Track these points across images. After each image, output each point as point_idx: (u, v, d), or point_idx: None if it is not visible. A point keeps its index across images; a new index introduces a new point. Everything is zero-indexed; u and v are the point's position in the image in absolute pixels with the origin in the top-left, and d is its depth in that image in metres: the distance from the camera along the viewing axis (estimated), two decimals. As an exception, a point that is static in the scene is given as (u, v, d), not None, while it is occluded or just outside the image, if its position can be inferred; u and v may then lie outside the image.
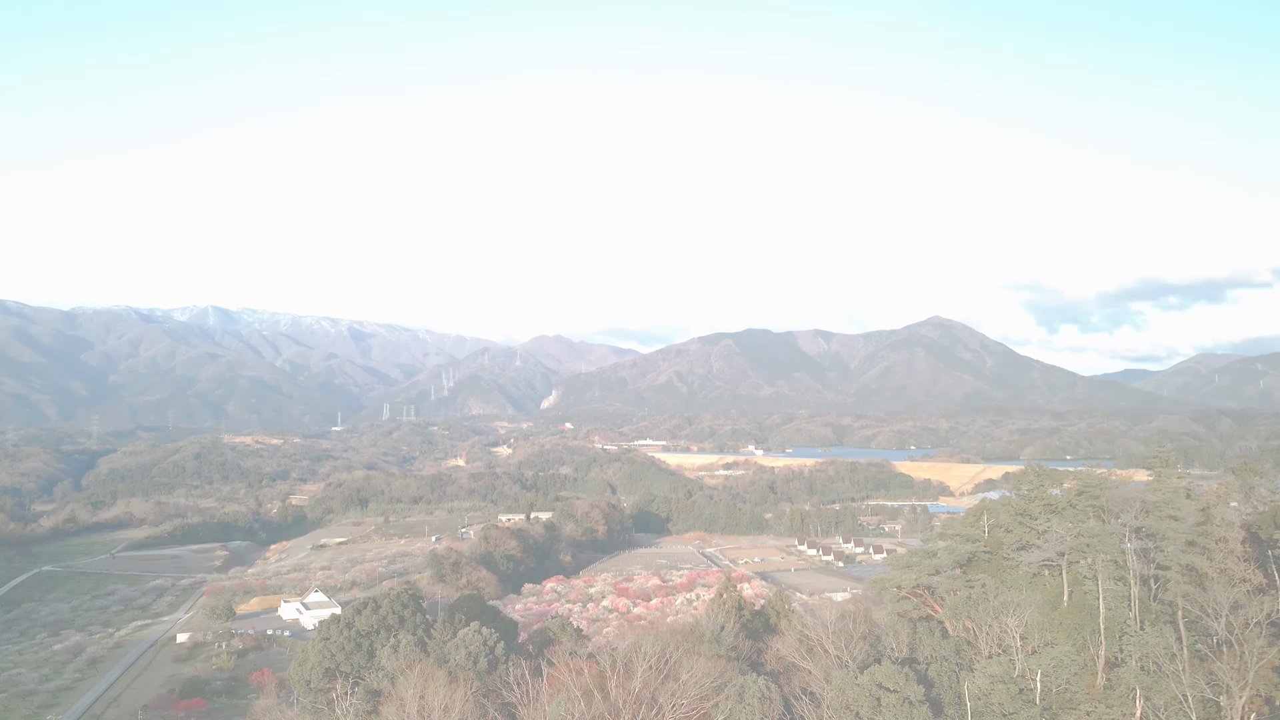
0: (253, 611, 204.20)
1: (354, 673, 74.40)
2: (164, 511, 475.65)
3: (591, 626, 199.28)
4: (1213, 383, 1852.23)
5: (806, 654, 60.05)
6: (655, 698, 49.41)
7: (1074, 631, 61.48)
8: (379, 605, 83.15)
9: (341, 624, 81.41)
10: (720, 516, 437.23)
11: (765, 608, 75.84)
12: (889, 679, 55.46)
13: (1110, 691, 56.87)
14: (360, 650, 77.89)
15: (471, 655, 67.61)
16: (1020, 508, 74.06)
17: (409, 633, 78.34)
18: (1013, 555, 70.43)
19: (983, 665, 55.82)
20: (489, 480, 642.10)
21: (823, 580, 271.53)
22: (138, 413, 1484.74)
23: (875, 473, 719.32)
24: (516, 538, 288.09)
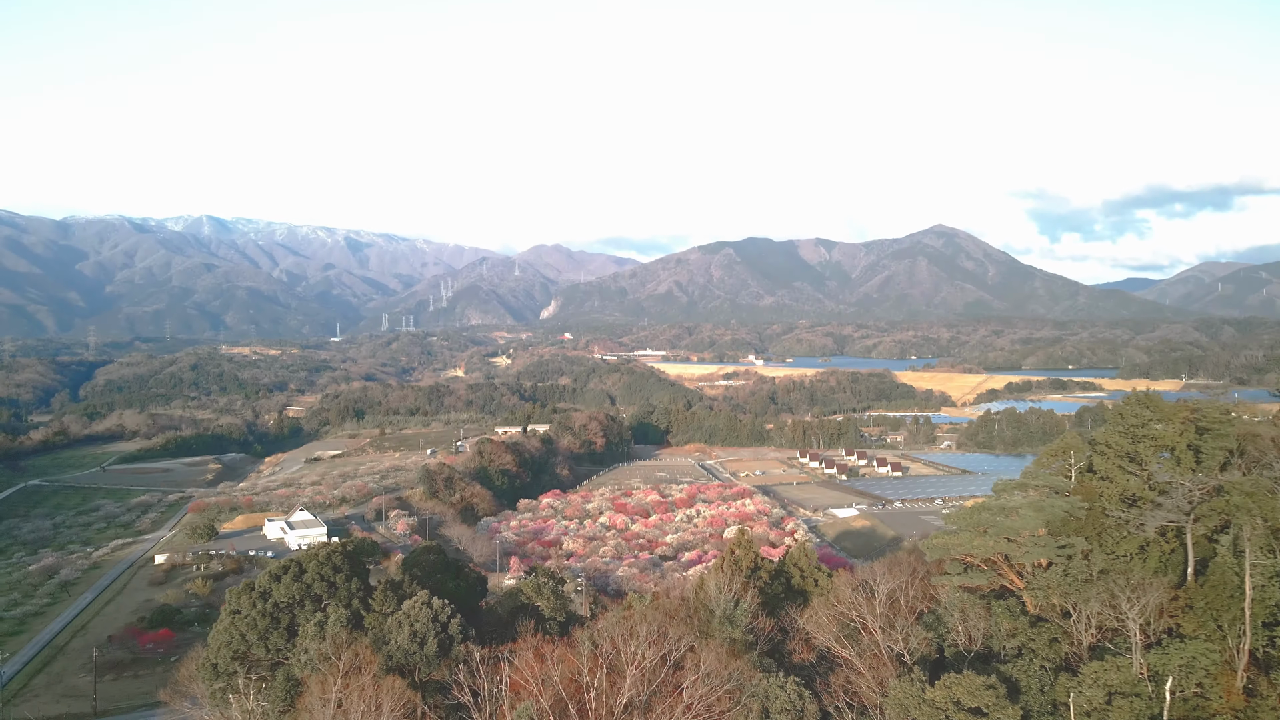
0: (237, 530, 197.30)
1: (271, 657, 60.83)
2: (157, 424, 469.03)
3: (588, 546, 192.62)
4: (1215, 291, 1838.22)
5: (846, 638, 46.17)
6: (649, 709, 39.28)
7: (1207, 619, 46.57)
8: (304, 569, 66.44)
9: (256, 593, 65.24)
10: (720, 428, 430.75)
11: (786, 564, 63.27)
12: (972, 694, 39.91)
13: (1258, 700, 42.78)
14: (278, 628, 62.86)
15: (417, 635, 54.34)
16: (1124, 448, 57.66)
17: (341, 604, 63.19)
18: (1118, 513, 53.82)
19: (1093, 669, 41.36)
20: (487, 392, 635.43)
21: (826, 495, 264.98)
22: (135, 324, 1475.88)
23: (876, 383, 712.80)
24: (512, 452, 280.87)
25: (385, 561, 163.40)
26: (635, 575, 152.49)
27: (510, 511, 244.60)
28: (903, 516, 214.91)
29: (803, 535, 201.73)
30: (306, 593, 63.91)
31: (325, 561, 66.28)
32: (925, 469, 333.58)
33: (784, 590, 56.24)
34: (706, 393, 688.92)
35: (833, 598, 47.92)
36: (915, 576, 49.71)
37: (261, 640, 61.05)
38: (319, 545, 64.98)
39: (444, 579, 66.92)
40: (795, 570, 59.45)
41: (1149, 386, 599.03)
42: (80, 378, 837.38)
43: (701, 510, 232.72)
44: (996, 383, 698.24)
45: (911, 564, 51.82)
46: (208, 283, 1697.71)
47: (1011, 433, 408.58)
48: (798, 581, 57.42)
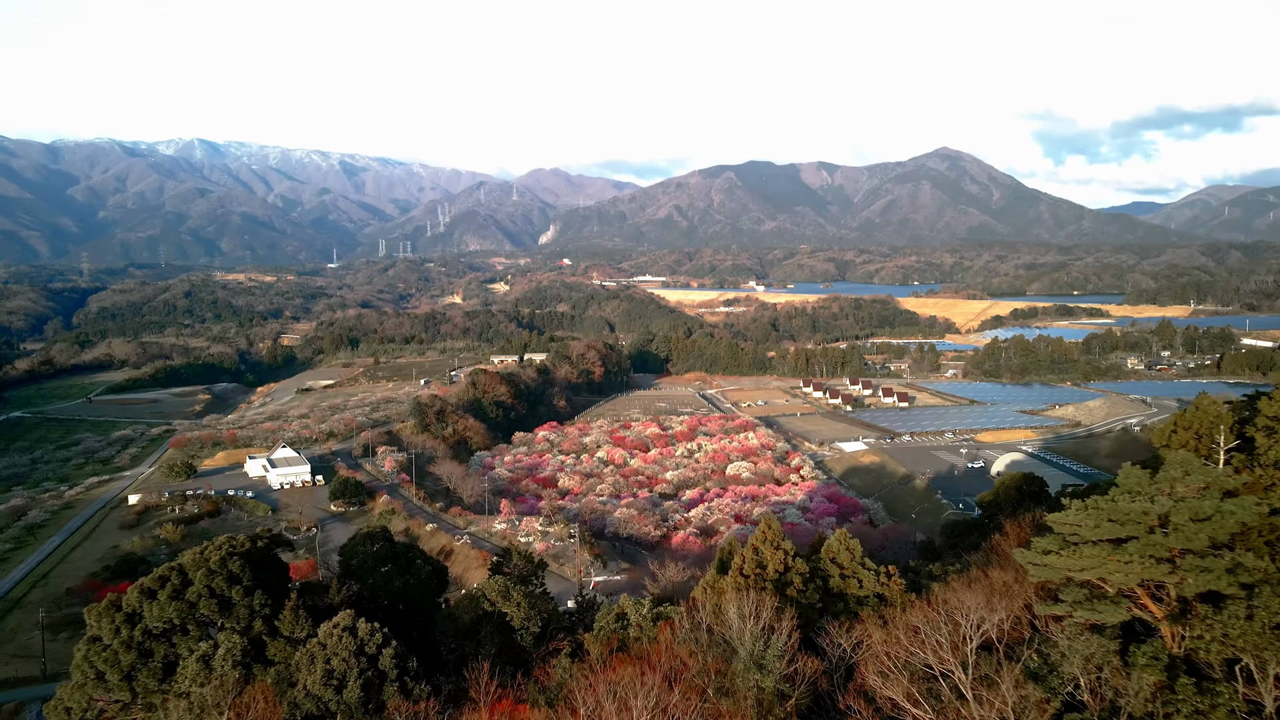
0: (218, 467, 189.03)
1: (139, 700, 44.82)
2: (147, 353, 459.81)
3: (584, 484, 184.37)
4: (1222, 215, 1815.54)
5: (922, 695, 31.44)
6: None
7: None
8: (188, 579, 48.87)
9: (121, 615, 47.77)
10: (721, 356, 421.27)
11: (822, 559, 47.63)
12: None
13: None
14: (149, 664, 46.00)
15: (334, 676, 39.31)
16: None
17: (236, 629, 46.67)
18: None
19: None
20: (484, 319, 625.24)
21: (832, 427, 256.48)
22: (129, 250, 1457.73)
23: (879, 310, 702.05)
24: (507, 383, 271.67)
25: (371, 503, 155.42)
26: (634, 517, 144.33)
27: (505, 445, 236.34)
28: (913, 452, 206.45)
29: (809, 471, 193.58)
30: (189, 614, 46.78)
31: (219, 570, 48.22)
32: (932, 399, 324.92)
33: (821, 596, 44.81)
34: (707, 319, 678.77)
35: (900, 631, 35.93)
36: (1010, 599, 37.99)
37: (125, 681, 44.49)
38: (211, 547, 48.29)
39: (389, 576, 53.92)
40: (834, 569, 46.71)
41: (1157, 313, 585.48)
42: (73, 305, 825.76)
43: (703, 444, 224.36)
44: (1001, 309, 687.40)
45: (1004, 584, 40.57)
46: (202, 208, 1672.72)
47: (1019, 361, 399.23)
48: (837, 584, 45.18)
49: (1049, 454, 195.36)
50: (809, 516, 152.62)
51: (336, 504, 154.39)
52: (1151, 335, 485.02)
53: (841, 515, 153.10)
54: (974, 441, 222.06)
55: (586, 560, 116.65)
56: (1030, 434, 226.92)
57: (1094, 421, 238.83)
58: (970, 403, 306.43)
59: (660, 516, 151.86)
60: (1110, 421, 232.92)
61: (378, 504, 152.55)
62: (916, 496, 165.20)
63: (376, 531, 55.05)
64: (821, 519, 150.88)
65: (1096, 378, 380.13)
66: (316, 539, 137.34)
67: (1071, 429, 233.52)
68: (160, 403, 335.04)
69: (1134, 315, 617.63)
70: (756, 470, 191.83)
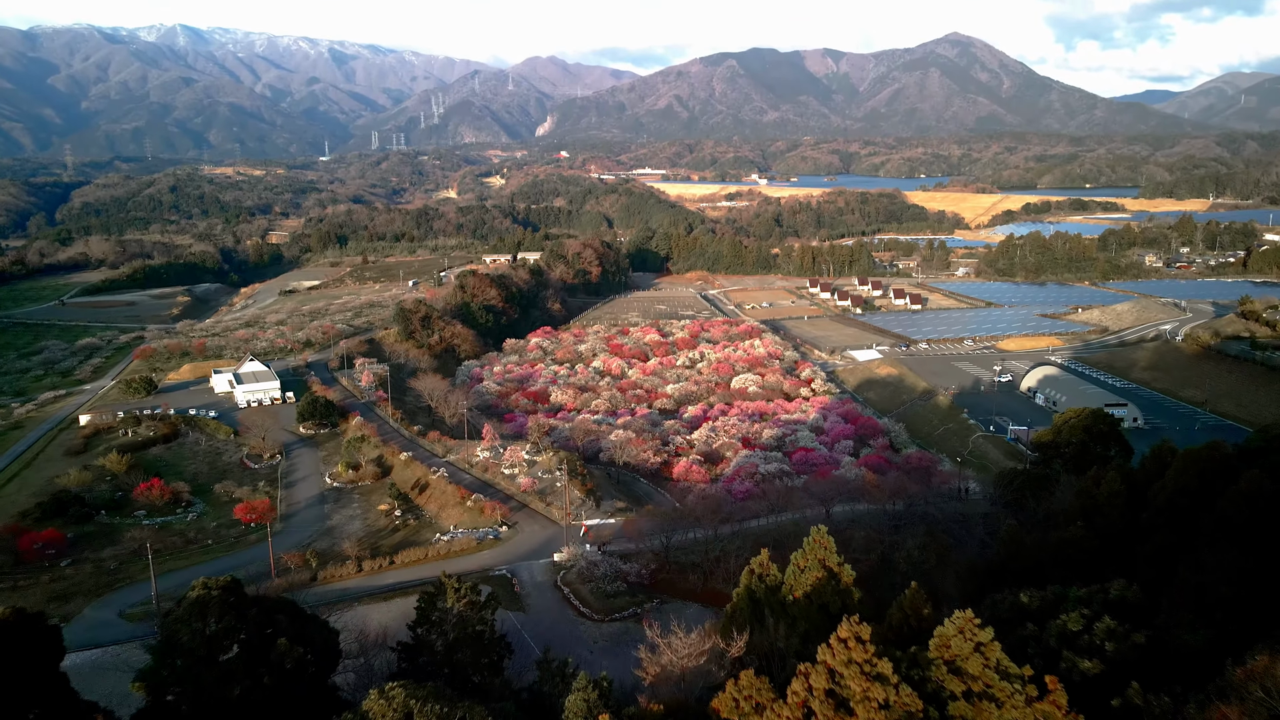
0: (182, 382, 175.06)
1: None
2: (126, 252, 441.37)
3: (578, 398, 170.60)
4: (1238, 104, 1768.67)
5: None
6: None
7: None
8: None
9: None
10: (724, 255, 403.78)
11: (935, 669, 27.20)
12: None
13: None
14: None
15: None
16: None
17: None
18: None
19: None
20: (478, 214, 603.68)
21: (842, 333, 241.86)
22: (115, 142, 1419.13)
23: (886, 204, 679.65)
24: (497, 285, 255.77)
25: (343, 424, 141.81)
26: (631, 441, 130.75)
27: (495, 354, 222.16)
28: (932, 362, 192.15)
29: (820, 385, 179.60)
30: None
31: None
32: (945, 300, 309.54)
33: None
34: (708, 214, 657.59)
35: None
36: None
37: None
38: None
39: (229, 674, 34.44)
40: (954, 680, 26.30)
41: (1174, 207, 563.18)
42: (56, 200, 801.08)
43: (706, 353, 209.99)
44: (1012, 203, 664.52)
45: None
46: (187, 98, 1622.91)
47: (1034, 259, 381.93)
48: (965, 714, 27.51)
49: (1081, 365, 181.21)
50: (824, 440, 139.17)
51: (305, 426, 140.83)
52: (1170, 231, 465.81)
53: (859, 438, 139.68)
54: (996, 350, 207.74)
55: (577, 499, 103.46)
56: (1056, 341, 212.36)
57: (1123, 327, 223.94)
58: (986, 305, 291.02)
59: (660, 439, 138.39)
60: (1141, 328, 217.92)
61: (350, 426, 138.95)
62: (940, 415, 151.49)
63: (217, 594, 36.71)
64: (837, 442, 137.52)
65: (1115, 277, 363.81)
66: (280, 468, 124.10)
67: (1100, 335, 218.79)
68: (137, 305, 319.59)
69: (1150, 210, 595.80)
70: (764, 383, 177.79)
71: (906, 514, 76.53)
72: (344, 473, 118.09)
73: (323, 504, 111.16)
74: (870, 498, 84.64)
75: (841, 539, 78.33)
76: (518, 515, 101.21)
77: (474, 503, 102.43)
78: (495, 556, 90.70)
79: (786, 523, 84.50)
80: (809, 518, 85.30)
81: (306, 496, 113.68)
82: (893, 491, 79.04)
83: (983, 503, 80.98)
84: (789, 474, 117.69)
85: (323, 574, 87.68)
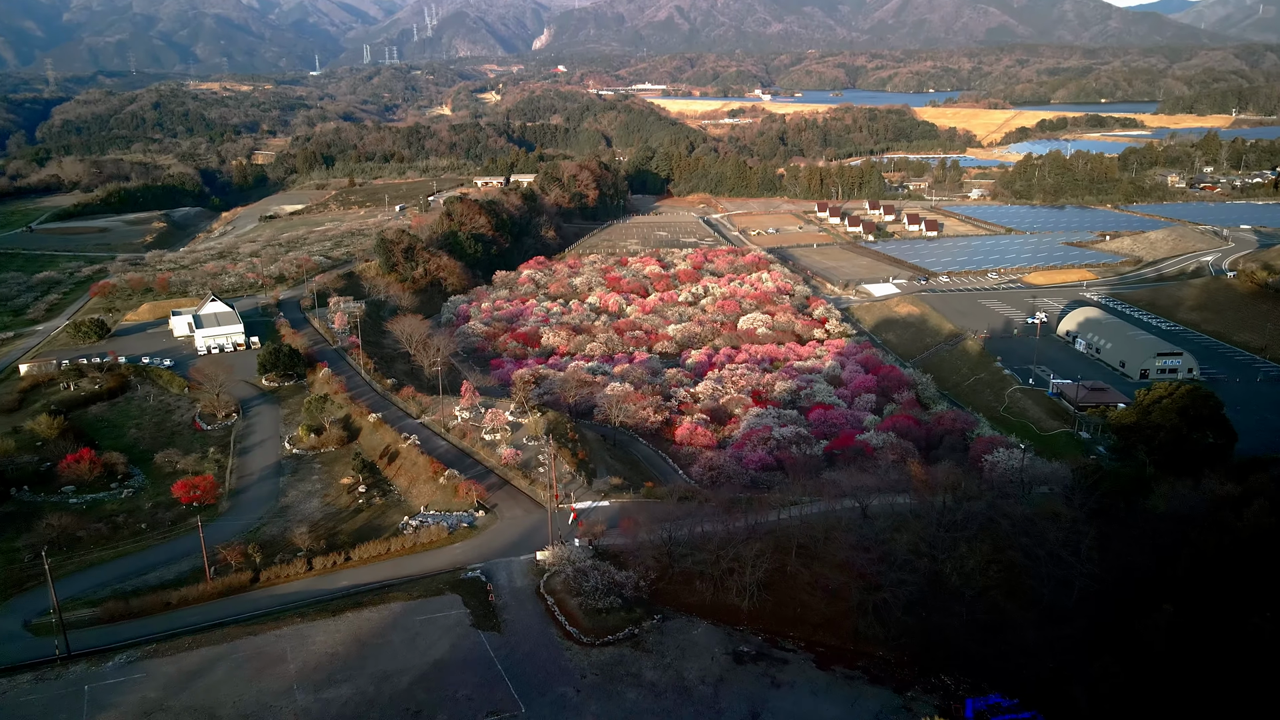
0: (139, 323, 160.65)
1: None
2: (102, 173, 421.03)
3: (572, 341, 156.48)
4: (1256, 14, 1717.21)
5: None
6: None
7: None
8: None
9: None
10: (727, 176, 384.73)
11: None
12: None
13: None
14: None
15: None
16: None
17: None
18: None
19: None
20: (472, 133, 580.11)
21: (855, 263, 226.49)
22: (98, 56, 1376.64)
23: (895, 121, 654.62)
24: (487, 213, 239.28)
25: (310, 375, 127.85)
26: (629, 395, 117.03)
27: (484, 288, 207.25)
28: (955, 299, 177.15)
29: (835, 325, 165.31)
30: None
31: None
32: (961, 226, 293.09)
33: None
34: (710, 132, 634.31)
35: None
36: None
37: None
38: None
39: None
40: None
41: (1196, 123, 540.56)
42: (37, 117, 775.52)
43: (710, 288, 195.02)
44: (1026, 120, 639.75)
45: None
46: (172, 9, 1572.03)
47: (1053, 180, 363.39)
48: None
49: (1120, 303, 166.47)
50: (843, 394, 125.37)
51: (268, 378, 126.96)
52: (1194, 149, 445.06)
53: (882, 391, 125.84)
54: (1023, 284, 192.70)
55: (565, 474, 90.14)
56: (1088, 274, 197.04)
57: (1158, 257, 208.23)
58: (1006, 231, 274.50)
59: (661, 393, 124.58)
60: (1180, 258, 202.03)
61: (316, 379, 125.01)
62: (970, 362, 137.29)
63: None
64: (858, 396, 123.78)
65: (1139, 199, 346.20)
66: (235, 430, 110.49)
67: (1135, 267, 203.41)
68: (108, 232, 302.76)
69: (1171, 126, 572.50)
70: (774, 324, 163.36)
71: (960, 515, 63.07)
72: (305, 437, 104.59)
73: (279, 475, 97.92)
74: (914, 489, 71.08)
75: (882, 551, 65.11)
76: (497, 495, 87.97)
77: (448, 479, 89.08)
78: (469, 551, 77.66)
79: (814, 518, 70.92)
80: (840, 512, 71.81)
81: (261, 466, 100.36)
82: (942, 484, 65.55)
83: (1055, 500, 67.37)
84: (807, 438, 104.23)
85: (266, 574, 74.82)
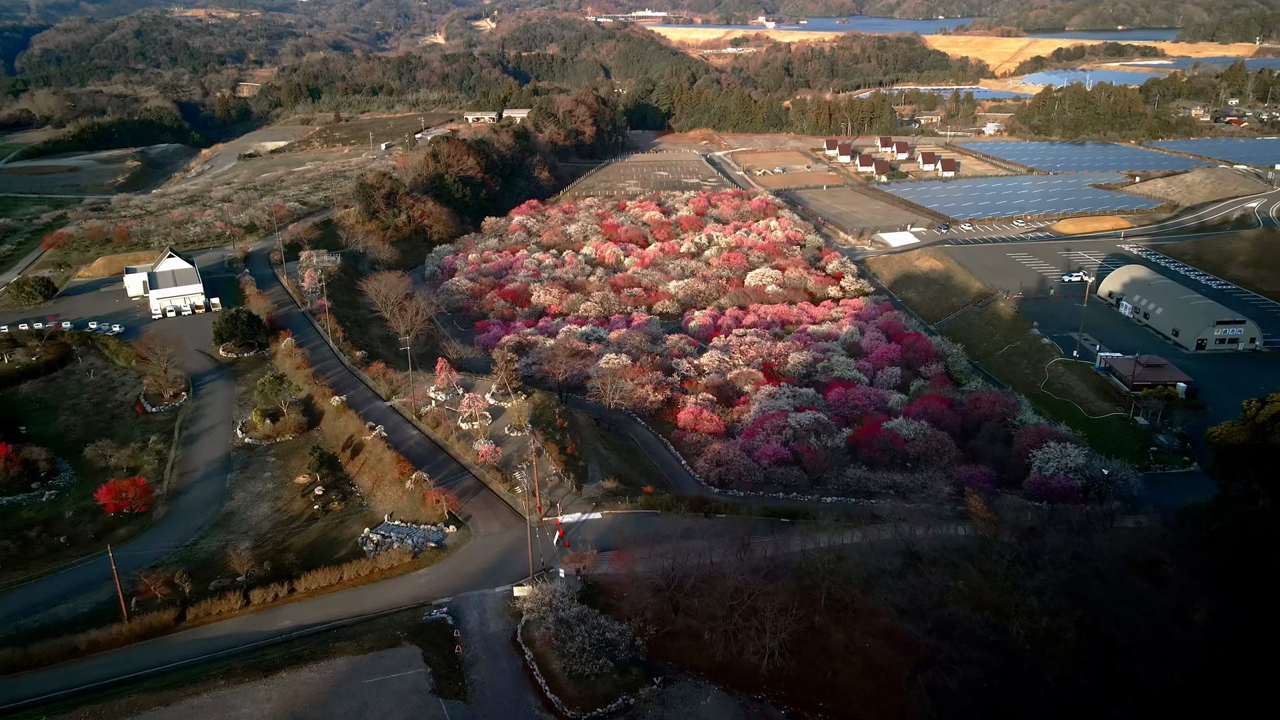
0: (92, 280, 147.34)
1: None
2: (77, 107, 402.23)
3: (565, 300, 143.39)
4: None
5: None
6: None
7: None
8: None
9: None
10: (731, 111, 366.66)
11: None
12: None
13: None
14: None
15: None
16: None
17: None
18: None
19: None
20: (465, 64, 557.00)
21: (869, 207, 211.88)
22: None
23: (905, 50, 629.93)
24: (476, 153, 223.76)
25: (273, 344, 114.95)
26: (626, 369, 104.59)
27: (472, 236, 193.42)
28: (981, 252, 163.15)
29: (851, 282, 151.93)
30: None
31: None
32: (979, 164, 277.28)
33: None
34: (713, 62, 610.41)
35: None
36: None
37: None
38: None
39: None
40: None
41: (1218, 52, 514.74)
42: (16, 47, 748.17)
43: (714, 236, 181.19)
44: (1041, 48, 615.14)
45: None
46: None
47: (1074, 114, 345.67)
48: None
49: (1163, 257, 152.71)
50: (863, 366, 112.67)
51: (225, 348, 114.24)
52: (1218, 80, 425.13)
53: (907, 363, 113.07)
54: (1053, 233, 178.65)
55: (552, 475, 78.04)
56: (1123, 222, 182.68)
57: (1196, 202, 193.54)
58: (1028, 171, 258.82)
59: (662, 365, 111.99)
60: (1221, 204, 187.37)
61: (279, 350, 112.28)
62: (1002, 328, 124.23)
63: None
64: (880, 370, 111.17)
65: (1164, 135, 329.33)
66: (183, 413, 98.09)
67: (1172, 214, 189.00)
68: (79, 172, 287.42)
69: (1193, 55, 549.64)
70: (785, 280, 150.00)
71: (1029, 558, 51.02)
72: (259, 424, 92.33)
73: (227, 472, 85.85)
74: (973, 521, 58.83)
75: (938, 616, 52.64)
76: (472, 503, 75.95)
77: (415, 484, 77.01)
78: (435, 580, 65.88)
79: (849, 555, 58.61)
80: (880, 546, 59.60)
81: (208, 460, 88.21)
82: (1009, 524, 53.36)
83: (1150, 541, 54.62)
84: (827, 425, 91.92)
85: (195, 610, 63.24)
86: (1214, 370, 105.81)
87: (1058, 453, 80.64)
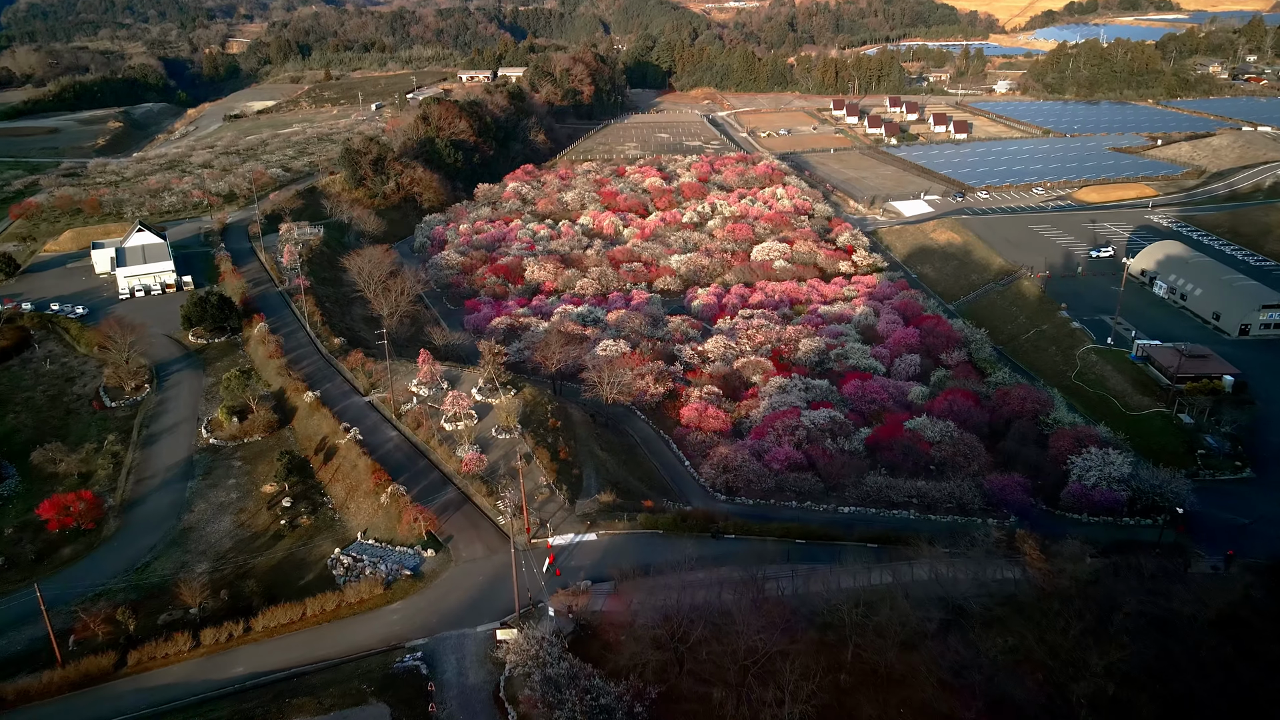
0: (58, 255, 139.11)
1: None
2: (59, 64, 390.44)
3: (560, 276, 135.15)
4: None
5: None
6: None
7: None
8: None
9: None
10: (734, 69, 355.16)
11: None
12: None
13: None
14: None
15: None
16: None
17: None
18: None
19: None
20: (460, 19, 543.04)
21: (879, 172, 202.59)
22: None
23: (912, 4, 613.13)
24: (469, 116, 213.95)
25: (246, 329, 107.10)
26: (624, 358, 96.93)
27: (464, 204, 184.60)
28: (1001, 224, 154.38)
29: (864, 256, 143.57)
30: None
31: None
32: (992, 125, 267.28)
33: None
34: (714, 17, 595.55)
35: None
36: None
37: None
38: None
39: None
40: None
41: (1234, 4, 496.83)
42: (4, 2, 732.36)
43: (717, 205, 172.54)
44: (1052, 1, 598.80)
45: None
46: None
47: (1089, 72, 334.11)
48: None
49: (1195, 229, 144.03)
50: (879, 353, 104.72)
51: (195, 333, 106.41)
52: (1236, 35, 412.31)
53: (926, 349, 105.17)
54: (1075, 201, 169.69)
55: (543, 487, 70.66)
56: (1148, 189, 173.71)
57: (1224, 167, 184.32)
58: (1044, 133, 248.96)
59: (663, 352, 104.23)
60: (1251, 171, 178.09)
61: (251, 336, 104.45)
62: (1028, 309, 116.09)
63: None
64: (899, 358, 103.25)
65: (1183, 93, 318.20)
66: (144, 409, 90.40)
67: (1199, 181, 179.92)
68: (59, 134, 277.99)
69: (1208, 9, 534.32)
70: (793, 254, 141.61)
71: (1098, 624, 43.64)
72: (226, 423, 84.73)
73: (188, 479, 78.38)
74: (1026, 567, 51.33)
75: (991, 692, 45.24)
76: (454, 520, 68.62)
77: (392, 497, 69.66)
78: (409, 617, 58.62)
79: (878, 597, 51.04)
80: (915, 591, 52.11)
81: (168, 464, 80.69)
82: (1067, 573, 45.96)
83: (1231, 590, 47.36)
84: (844, 426, 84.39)
85: (138, 653, 56.04)
86: (1261, 360, 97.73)
87: (1099, 459, 73.06)
